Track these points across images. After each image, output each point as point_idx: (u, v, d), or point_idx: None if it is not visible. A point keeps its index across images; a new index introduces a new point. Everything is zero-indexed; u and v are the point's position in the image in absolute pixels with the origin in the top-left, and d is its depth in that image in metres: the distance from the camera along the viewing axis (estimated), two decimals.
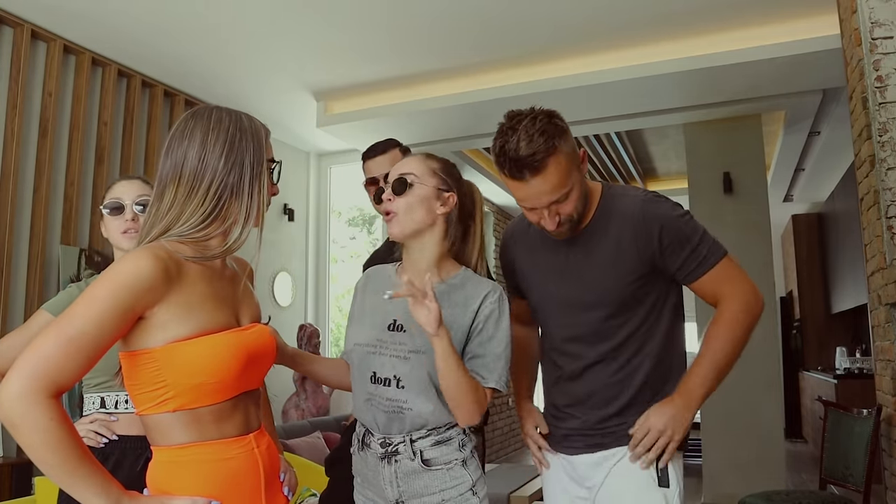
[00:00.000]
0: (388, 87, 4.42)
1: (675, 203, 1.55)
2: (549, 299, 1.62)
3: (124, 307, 1.03)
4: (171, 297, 1.08)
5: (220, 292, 1.18)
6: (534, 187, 1.41)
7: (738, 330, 1.50)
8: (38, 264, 3.33)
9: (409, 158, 1.57)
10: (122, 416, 1.71)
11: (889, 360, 2.56)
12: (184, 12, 3.39)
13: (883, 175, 2.45)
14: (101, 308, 1.01)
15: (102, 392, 1.74)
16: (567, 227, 1.50)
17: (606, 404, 1.54)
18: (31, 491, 2.86)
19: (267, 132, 1.26)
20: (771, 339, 4.66)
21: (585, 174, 1.52)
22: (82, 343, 0.99)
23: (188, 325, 1.09)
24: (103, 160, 3.75)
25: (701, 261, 1.50)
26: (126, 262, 1.05)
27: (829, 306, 7.42)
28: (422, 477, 1.46)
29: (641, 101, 4.41)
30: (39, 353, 0.97)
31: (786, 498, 3.04)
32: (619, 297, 1.51)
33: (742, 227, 4.67)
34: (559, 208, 1.45)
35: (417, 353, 1.46)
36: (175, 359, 1.08)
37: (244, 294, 1.26)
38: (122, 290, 1.02)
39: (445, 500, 1.46)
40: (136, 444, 1.68)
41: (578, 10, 3.49)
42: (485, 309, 1.47)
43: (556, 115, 1.45)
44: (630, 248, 1.50)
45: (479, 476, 1.51)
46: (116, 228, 1.77)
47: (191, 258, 1.13)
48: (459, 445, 1.49)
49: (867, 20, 2.50)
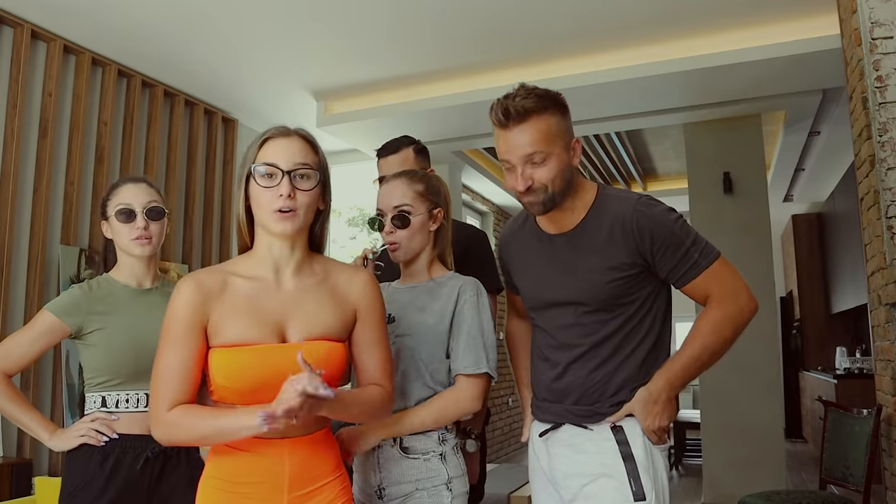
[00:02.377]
0: (388, 87, 4.42)
1: (668, 207, 1.55)
2: (536, 294, 1.64)
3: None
4: (212, 310, 1.28)
5: (261, 305, 1.30)
6: (513, 138, 1.46)
7: (726, 330, 1.50)
8: (38, 264, 3.33)
9: (397, 185, 1.69)
10: (123, 415, 1.73)
11: (889, 360, 2.56)
12: (184, 12, 3.39)
13: (883, 175, 2.45)
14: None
15: (104, 391, 1.75)
16: (539, 199, 1.49)
17: (595, 398, 1.54)
18: (31, 491, 2.86)
19: (259, 141, 1.33)
20: (771, 339, 4.67)
21: (574, 162, 1.54)
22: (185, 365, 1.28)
23: (222, 336, 1.27)
24: (103, 160, 3.75)
25: (692, 264, 1.50)
26: (174, 291, 1.31)
27: (829, 306, 7.42)
28: (399, 464, 1.56)
29: (641, 101, 4.42)
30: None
31: (786, 498, 3.04)
32: (604, 294, 1.52)
33: (742, 227, 4.67)
34: (533, 172, 1.47)
35: (402, 336, 1.63)
36: (210, 361, 1.28)
37: (306, 305, 1.32)
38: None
39: (419, 490, 1.54)
40: (137, 443, 1.71)
41: (578, 11, 3.49)
42: (462, 297, 1.62)
43: (562, 96, 1.51)
44: (620, 248, 1.51)
45: (458, 475, 1.58)
46: (127, 235, 1.80)
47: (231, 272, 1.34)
48: (440, 440, 1.58)
49: (867, 20, 2.50)
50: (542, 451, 1.63)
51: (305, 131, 1.37)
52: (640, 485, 1.47)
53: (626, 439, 1.50)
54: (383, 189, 1.71)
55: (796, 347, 8.07)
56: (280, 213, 1.27)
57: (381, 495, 1.57)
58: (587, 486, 1.50)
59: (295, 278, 1.34)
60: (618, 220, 1.52)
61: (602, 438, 1.52)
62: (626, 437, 1.50)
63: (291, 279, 1.34)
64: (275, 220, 1.28)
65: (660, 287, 1.56)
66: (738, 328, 1.51)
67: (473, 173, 6.21)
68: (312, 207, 1.33)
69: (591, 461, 1.52)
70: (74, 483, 1.69)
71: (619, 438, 1.50)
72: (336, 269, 1.41)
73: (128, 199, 1.81)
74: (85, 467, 1.69)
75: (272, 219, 1.28)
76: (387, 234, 1.67)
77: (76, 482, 1.69)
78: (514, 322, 1.85)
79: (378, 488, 1.57)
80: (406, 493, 1.55)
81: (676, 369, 1.50)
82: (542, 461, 1.63)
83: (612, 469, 1.49)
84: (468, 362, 1.58)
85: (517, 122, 1.45)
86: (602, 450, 1.51)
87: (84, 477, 1.68)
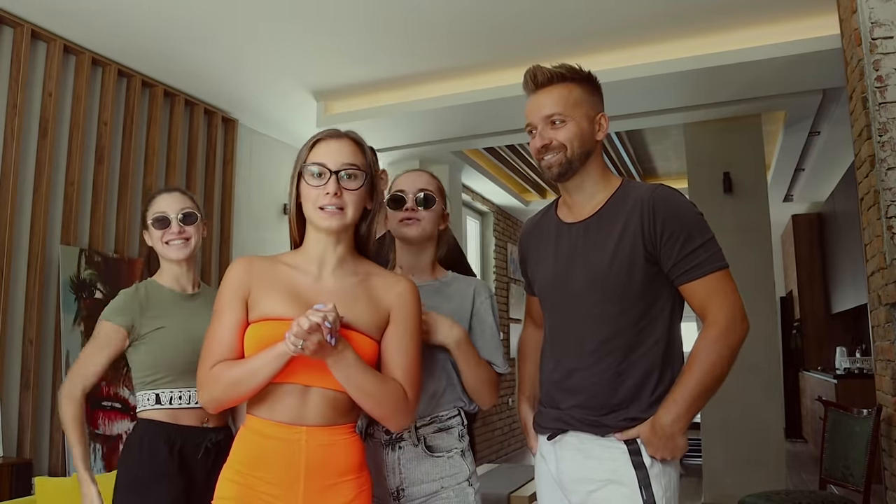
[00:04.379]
0: (388, 87, 4.42)
1: (691, 201, 1.53)
2: (549, 284, 1.61)
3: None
4: (254, 286, 1.37)
5: (299, 290, 1.37)
6: (537, 100, 1.56)
7: (725, 350, 1.44)
8: (38, 264, 3.33)
9: (423, 174, 1.75)
10: (178, 410, 1.83)
11: (889, 360, 2.56)
12: (184, 13, 3.39)
13: (883, 175, 2.45)
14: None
15: (157, 389, 1.84)
16: (556, 160, 1.54)
17: (602, 401, 1.49)
18: (31, 491, 2.86)
19: (311, 142, 1.42)
20: (771, 339, 4.67)
21: (598, 137, 1.59)
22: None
23: (259, 310, 1.35)
24: (103, 160, 3.75)
25: (696, 264, 1.45)
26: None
27: (829, 306, 7.42)
28: (424, 463, 1.57)
29: (641, 101, 4.41)
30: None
31: (786, 498, 3.04)
32: (618, 281, 1.48)
33: (742, 227, 4.67)
34: (553, 133, 1.53)
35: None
36: (247, 337, 1.35)
37: (344, 299, 1.36)
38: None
39: (444, 488, 1.56)
40: (195, 435, 1.82)
41: (578, 11, 3.49)
42: (479, 299, 1.68)
43: (594, 76, 1.60)
44: (636, 232, 1.48)
45: (474, 469, 1.63)
46: (160, 238, 1.95)
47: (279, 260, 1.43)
48: (459, 436, 1.62)
49: (867, 20, 2.50)
50: (551, 454, 1.59)
51: (355, 134, 1.45)
52: (651, 493, 1.43)
53: (638, 447, 1.46)
54: (410, 174, 1.76)
55: (796, 347, 8.07)
56: (325, 211, 1.36)
57: (399, 496, 1.56)
58: (595, 493, 1.47)
59: (335, 274, 1.41)
60: (637, 203, 1.50)
61: (612, 444, 1.48)
62: (639, 445, 1.46)
63: (332, 275, 1.40)
64: (321, 217, 1.36)
65: (672, 291, 1.51)
66: (735, 350, 1.45)
67: (473, 173, 6.21)
68: (359, 206, 1.40)
69: (601, 467, 1.48)
70: (142, 474, 1.76)
71: (631, 447, 1.46)
72: (378, 273, 1.46)
73: (163, 208, 1.96)
74: (152, 459, 1.76)
75: (318, 215, 1.37)
76: (409, 209, 1.67)
77: (144, 472, 1.76)
78: (528, 330, 1.84)
79: (397, 490, 1.56)
80: (430, 492, 1.55)
81: (686, 400, 1.43)
82: (551, 465, 1.59)
83: (622, 476, 1.45)
84: (498, 362, 1.67)
85: (543, 85, 1.55)
86: (612, 456, 1.47)
87: (152, 468, 1.76)
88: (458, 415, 1.64)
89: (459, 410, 1.65)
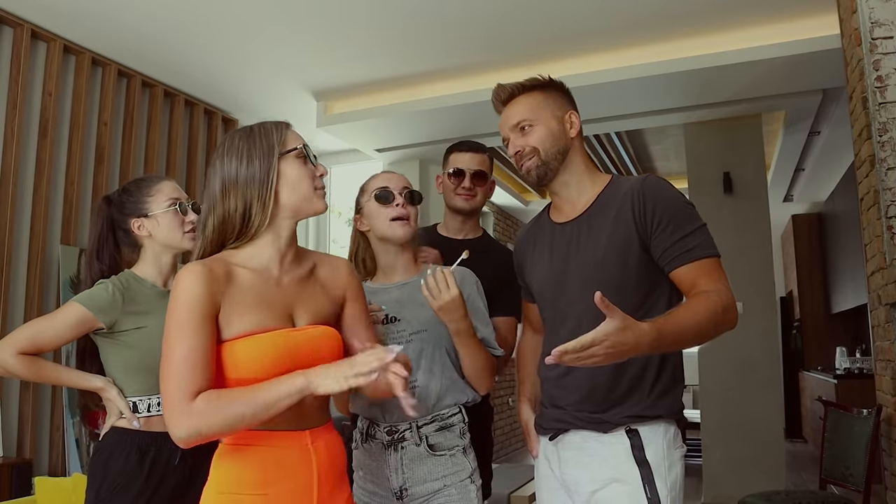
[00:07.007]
0: (388, 87, 4.42)
1: (681, 192, 1.53)
2: (547, 282, 1.60)
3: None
4: (224, 300, 1.23)
5: (268, 296, 1.28)
6: (505, 114, 1.65)
7: (716, 318, 1.35)
8: (38, 264, 3.33)
9: (398, 174, 1.80)
10: (155, 417, 1.71)
11: (889, 360, 2.56)
12: (184, 13, 3.39)
13: (883, 175, 2.45)
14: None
15: (134, 397, 1.73)
16: (533, 164, 1.58)
17: (602, 395, 1.48)
18: (31, 491, 2.86)
19: (282, 126, 1.34)
20: (771, 339, 4.66)
21: (571, 134, 1.60)
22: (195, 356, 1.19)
23: (237, 326, 1.23)
24: (103, 160, 3.75)
25: (688, 249, 1.43)
26: (178, 278, 1.23)
27: (829, 306, 7.42)
28: (426, 462, 1.57)
29: (641, 101, 4.42)
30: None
31: (786, 498, 3.04)
32: (614, 271, 1.47)
33: (742, 227, 4.67)
34: (522, 139, 1.59)
35: (418, 332, 1.64)
36: (224, 355, 1.22)
37: (305, 295, 1.33)
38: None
39: (447, 486, 1.57)
40: (170, 442, 1.70)
41: (578, 11, 3.49)
42: (467, 290, 1.68)
43: (555, 80, 1.65)
44: (628, 220, 1.48)
45: (476, 467, 1.63)
46: (180, 228, 1.83)
47: (236, 264, 1.28)
48: (461, 433, 1.63)
49: (867, 20, 2.50)
50: (553, 455, 1.58)
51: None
52: (655, 490, 1.42)
53: (641, 443, 1.44)
54: (386, 174, 1.80)
55: (796, 347, 8.06)
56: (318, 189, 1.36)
57: (402, 496, 1.56)
58: (599, 492, 1.46)
59: (289, 272, 1.33)
60: (627, 193, 1.50)
61: (615, 442, 1.47)
62: (642, 441, 1.45)
63: (287, 273, 1.33)
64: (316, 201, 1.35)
65: (667, 282, 1.49)
66: (719, 325, 1.36)
67: None
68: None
69: (603, 465, 1.47)
70: (112, 483, 1.66)
71: (635, 443, 1.45)
72: (315, 258, 1.41)
73: (175, 195, 1.83)
74: (124, 467, 1.67)
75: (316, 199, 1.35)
76: (400, 205, 1.69)
77: (114, 482, 1.66)
78: (527, 336, 1.84)
79: (400, 489, 1.56)
80: (433, 490, 1.56)
81: (671, 330, 1.29)
82: (554, 466, 1.58)
83: (625, 474, 1.44)
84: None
85: (507, 101, 1.65)
86: (615, 453, 1.46)
87: (123, 477, 1.66)
88: (459, 412, 1.65)
89: (460, 408, 1.66)
